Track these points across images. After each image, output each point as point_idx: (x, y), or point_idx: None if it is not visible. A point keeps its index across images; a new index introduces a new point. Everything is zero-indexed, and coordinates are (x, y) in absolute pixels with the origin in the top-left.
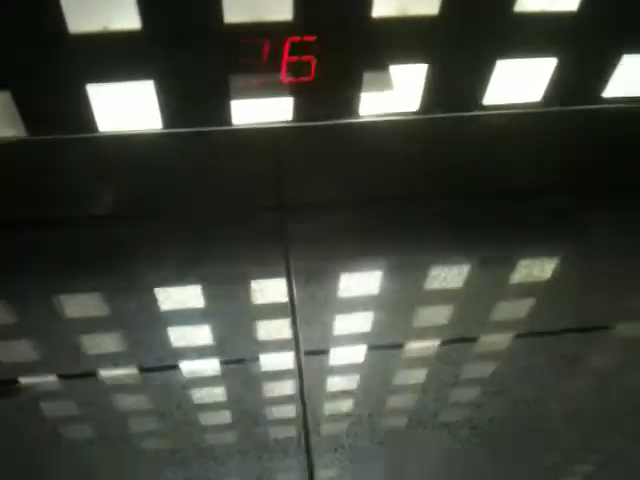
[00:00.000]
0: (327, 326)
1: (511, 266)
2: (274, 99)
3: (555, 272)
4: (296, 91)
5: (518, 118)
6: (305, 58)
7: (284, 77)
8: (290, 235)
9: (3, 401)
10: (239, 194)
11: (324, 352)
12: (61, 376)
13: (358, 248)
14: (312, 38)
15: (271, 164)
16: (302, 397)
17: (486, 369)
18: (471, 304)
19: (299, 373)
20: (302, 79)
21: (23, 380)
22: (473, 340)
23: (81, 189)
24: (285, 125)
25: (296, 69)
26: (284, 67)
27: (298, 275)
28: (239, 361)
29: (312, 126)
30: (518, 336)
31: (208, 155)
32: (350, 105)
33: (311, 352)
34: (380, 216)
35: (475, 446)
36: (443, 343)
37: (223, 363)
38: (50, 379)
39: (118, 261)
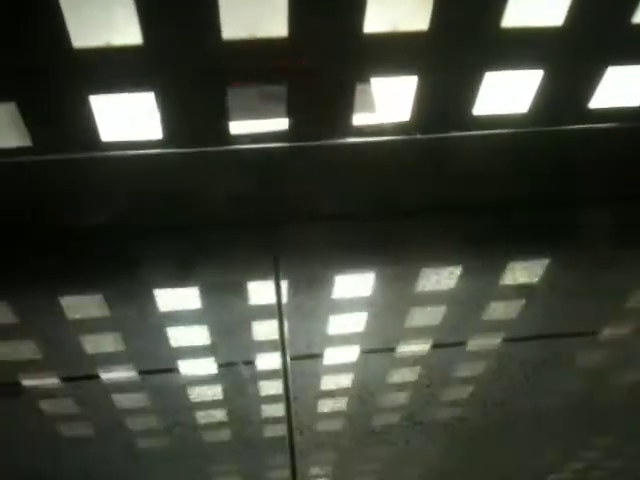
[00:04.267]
0: (313, 333)
1: (497, 274)
2: (268, 120)
3: (540, 280)
4: (288, 112)
5: (505, 136)
6: (297, 80)
7: (277, 100)
8: (280, 247)
9: (5, 401)
10: (233, 208)
11: (309, 357)
12: (62, 378)
13: (346, 260)
14: (303, 61)
15: (264, 181)
16: (287, 398)
17: (461, 373)
18: (452, 310)
19: (285, 376)
20: (294, 101)
21: (25, 382)
22: (449, 346)
23: (83, 201)
24: (276, 145)
25: (289, 91)
26: (277, 90)
27: (287, 284)
28: (229, 364)
29: (303, 146)
30: (504, 340)
31: (204, 171)
32: (341, 125)
33: (297, 357)
34: (368, 230)
35: (447, 446)
36: (421, 348)
37: (215, 366)
38: (51, 381)
39: (117, 269)
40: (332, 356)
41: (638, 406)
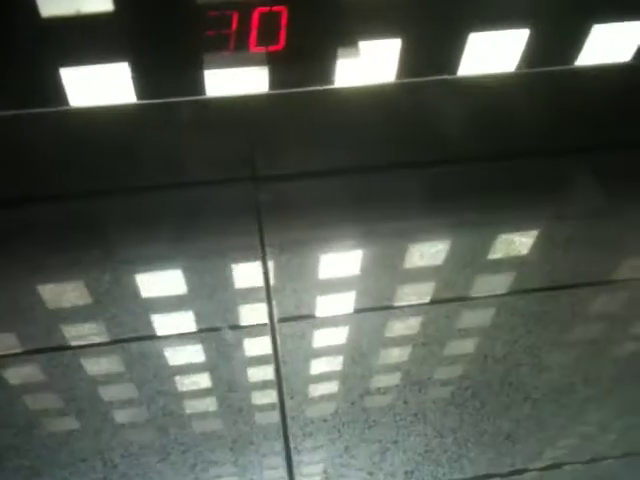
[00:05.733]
0: (300, 293)
1: (494, 227)
2: (246, 69)
3: (530, 234)
4: (266, 60)
5: (493, 81)
6: (274, 27)
7: (253, 47)
8: (263, 206)
9: None
10: (212, 165)
11: (298, 318)
12: (37, 350)
13: (332, 217)
14: (281, 8)
15: (243, 134)
16: (277, 362)
17: (458, 329)
18: (445, 267)
19: (273, 339)
20: (271, 48)
21: None
22: (443, 302)
23: (56, 164)
24: (257, 93)
25: (265, 38)
26: (253, 37)
27: (272, 245)
28: (213, 329)
29: (284, 94)
30: (503, 294)
31: (181, 126)
32: (322, 73)
33: (284, 319)
34: (354, 185)
35: (446, 403)
36: (415, 305)
37: (198, 332)
38: (27, 354)
39: (91, 236)
40: (322, 316)
41: None
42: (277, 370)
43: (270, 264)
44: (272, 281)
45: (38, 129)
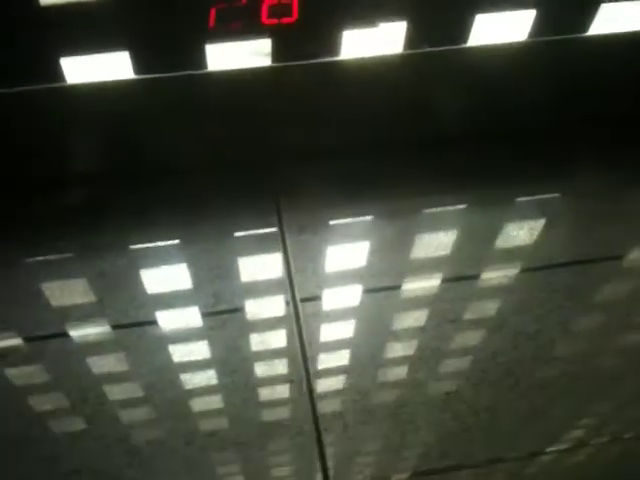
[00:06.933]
0: (321, 273)
1: (505, 205)
2: (256, 41)
3: (550, 209)
4: (278, 32)
5: (504, 51)
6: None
7: (265, 19)
8: (280, 186)
9: None
10: (224, 145)
11: (319, 298)
12: (52, 336)
13: (348, 196)
14: None
15: (255, 110)
16: (301, 342)
17: (486, 305)
18: (466, 244)
19: (296, 320)
20: (284, 20)
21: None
22: (468, 278)
23: (63, 146)
24: (267, 66)
25: (277, 10)
26: (265, 9)
27: (290, 225)
28: (235, 310)
29: (296, 66)
30: (530, 270)
31: (188, 103)
32: (334, 44)
33: (307, 299)
34: (367, 162)
35: (479, 381)
36: (439, 282)
37: (219, 313)
38: (40, 339)
39: (98, 219)
40: (345, 295)
41: None
42: (302, 350)
43: (289, 244)
44: (292, 261)
45: (39, 109)
